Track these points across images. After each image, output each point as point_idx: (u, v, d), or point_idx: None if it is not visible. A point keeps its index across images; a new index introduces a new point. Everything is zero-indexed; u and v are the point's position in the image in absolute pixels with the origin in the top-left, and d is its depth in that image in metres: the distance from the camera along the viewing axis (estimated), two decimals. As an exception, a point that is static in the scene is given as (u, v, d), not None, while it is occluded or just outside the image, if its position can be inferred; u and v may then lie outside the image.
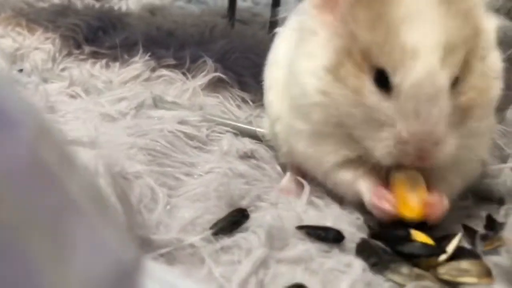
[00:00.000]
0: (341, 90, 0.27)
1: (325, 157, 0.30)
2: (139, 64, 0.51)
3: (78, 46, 0.58)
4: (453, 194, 0.30)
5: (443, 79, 0.25)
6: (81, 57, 0.55)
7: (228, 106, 0.48)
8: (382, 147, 0.26)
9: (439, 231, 0.31)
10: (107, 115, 0.39)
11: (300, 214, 0.29)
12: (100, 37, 0.60)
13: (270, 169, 0.38)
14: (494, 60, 0.29)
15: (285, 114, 0.32)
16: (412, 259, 0.25)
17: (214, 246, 0.26)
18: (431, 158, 0.26)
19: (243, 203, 0.30)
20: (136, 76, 0.50)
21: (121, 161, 0.30)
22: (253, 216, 0.28)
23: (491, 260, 0.25)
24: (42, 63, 0.53)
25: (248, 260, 0.24)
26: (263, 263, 0.24)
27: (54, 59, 0.54)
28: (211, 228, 0.27)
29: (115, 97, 0.42)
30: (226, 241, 0.26)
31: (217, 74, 0.49)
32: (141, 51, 0.51)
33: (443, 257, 0.26)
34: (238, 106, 0.49)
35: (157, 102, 0.44)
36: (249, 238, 0.26)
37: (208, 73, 0.49)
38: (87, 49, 0.56)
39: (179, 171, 0.33)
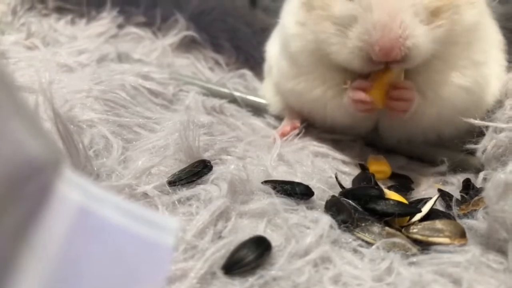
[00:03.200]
0: (313, 14, 0.29)
1: (312, 90, 0.32)
2: (106, 20, 0.48)
3: (42, 1, 0.54)
4: (432, 110, 0.30)
5: None
6: (45, 11, 0.51)
7: (199, 67, 0.45)
8: (349, 49, 0.27)
9: (414, 194, 0.30)
10: (65, 65, 0.36)
11: (269, 168, 0.27)
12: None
13: (240, 125, 0.36)
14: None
15: (276, 60, 0.35)
16: (384, 218, 0.23)
17: (170, 197, 0.23)
18: (398, 49, 0.26)
19: (206, 155, 0.28)
20: (102, 33, 0.46)
21: (73, 108, 0.27)
22: (217, 168, 0.26)
23: (466, 223, 0.24)
24: (1, 15, 0.49)
25: (207, 211, 0.22)
26: (223, 215, 0.22)
27: (14, 12, 0.50)
28: (168, 178, 0.25)
29: (76, 49, 0.39)
30: (184, 192, 0.24)
31: (190, 33, 0.46)
32: (109, 7, 0.48)
33: (417, 217, 0.24)
34: (211, 69, 0.46)
35: (122, 59, 0.41)
36: (209, 189, 0.24)
37: (179, 32, 0.46)
38: (51, 3, 0.52)
39: (139, 125, 0.30)
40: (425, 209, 0.24)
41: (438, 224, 0.22)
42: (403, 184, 0.30)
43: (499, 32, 0.37)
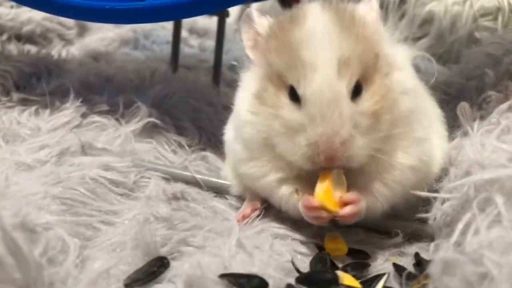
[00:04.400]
0: (264, 108, 0.32)
1: (265, 177, 0.33)
2: (69, 110, 0.49)
3: (7, 93, 0.55)
4: (382, 201, 0.32)
5: (340, 86, 0.29)
6: (9, 104, 0.52)
7: (161, 152, 0.46)
8: (297, 152, 0.30)
9: (371, 270, 0.31)
10: (23, 163, 0.36)
11: (226, 259, 0.28)
12: (33, 83, 0.58)
13: (202, 209, 0.37)
14: (400, 78, 0.32)
15: (231, 143, 0.37)
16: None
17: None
18: (340, 157, 0.29)
19: (164, 250, 0.28)
20: (66, 123, 0.47)
21: (28, 212, 0.27)
22: (174, 264, 0.27)
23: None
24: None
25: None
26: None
27: (-21, 108, 0.51)
28: (125, 280, 0.25)
29: (36, 145, 0.39)
30: (140, 294, 0.24)
31: (151, 119, 0.48)
32: (72, 96, 0.50)
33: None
34: (174, 151, 0.47)
35: (86, 149, 0.42)
36: (166, 289, 0.24)
37: (141, 118, 0.48)
38: (15, 96, 0.53)
39: (98, 220, 0.31)
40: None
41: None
42: (359, 262, 0.31)
43: (436, 106, 0.40)
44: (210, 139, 0.51)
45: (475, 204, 0.28)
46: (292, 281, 0.26)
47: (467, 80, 0.54)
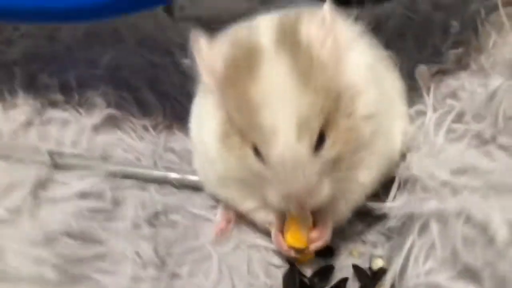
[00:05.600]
0: (231, 156, 0.32)
1: (241, 202, 0.36)
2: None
3: None
4: (347, 215, 0.36)
5: (301, 149, 0.29)
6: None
7: (129, 142, 0.47)
8: (271, 198, 0.31)
9: (335, 272, 0.37)
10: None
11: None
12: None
13: (181, 220, 0.41)
14: (364, 103, 0.32)
15: (198, 146, 0.37)
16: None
17: None
18: (309, 205, 0.31)
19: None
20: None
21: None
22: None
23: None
24: None
25: None
26: None
27: None
28: None
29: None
30: None
31: (112, 111, 0.46)
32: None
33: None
34: (140, 138, 0.48)
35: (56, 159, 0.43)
36: None
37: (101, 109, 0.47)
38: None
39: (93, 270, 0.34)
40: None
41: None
42: (324, 267, 0.36)
43: (397, 78, 0.40)
44: (174, 106, 0.51)
45: (416, 229, 0.32)
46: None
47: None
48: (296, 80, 0.29)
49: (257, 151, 0.30)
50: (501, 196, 0.27)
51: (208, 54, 0.32)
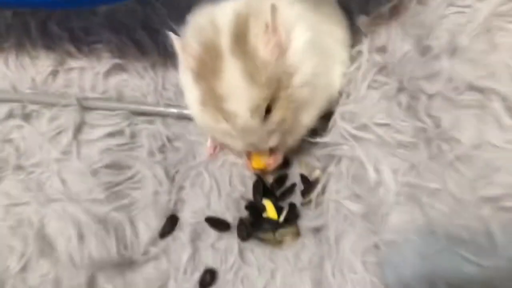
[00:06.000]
0: (207, 117, 0.44)
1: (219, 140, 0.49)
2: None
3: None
4: (289, 148, 0.50)
5: (253, 122, 0.42)
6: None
7: (135, 83, 0.59)
8: (238, 145, 0.45)
9: (289, 178, 0.53)
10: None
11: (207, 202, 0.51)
12: None
13: (181, 146, 0.56)
14: (301, 76, 0.43)
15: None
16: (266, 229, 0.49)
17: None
18: (262, 149, 0.46)
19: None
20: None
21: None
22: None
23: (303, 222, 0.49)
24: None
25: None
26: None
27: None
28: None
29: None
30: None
31: (118, 61, 0.58)
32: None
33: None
34: (142, 77, 0.60)
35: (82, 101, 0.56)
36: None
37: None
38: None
39: (129, 187, 0.52)
40: (281, 219, 0.49)
41: (285, 231, 0.48)
42: (281, 177, 0.53)
43: (341, 25, 0.50)
44: (165, 43, 0.61)
45: (334, 160, 0.47)
46: (242, 214, 0.50)
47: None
48: (246, 78, 0.40)
49: (225, 119, 0.43)
50: (386, 148, 0.42)
51: (186, 54, 0.43)
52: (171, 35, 0.43)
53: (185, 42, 0.43)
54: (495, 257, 0.34)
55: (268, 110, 0.42)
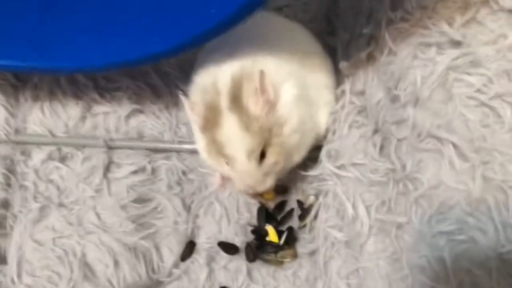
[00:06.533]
0: (213, 161, 0.53)
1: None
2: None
3: None
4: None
5: (250, 166, 0.48)
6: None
7: (153, 124, 0.68)
8: (237, 186, 0.53)
9: (287, 204, 0.62)
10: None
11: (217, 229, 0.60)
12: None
13: (195, 178, 0.65)
14: (290, 125, 0.50)
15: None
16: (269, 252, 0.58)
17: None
18: (260, 190, 0.53)
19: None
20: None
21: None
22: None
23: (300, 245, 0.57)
24: None
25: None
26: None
27: None
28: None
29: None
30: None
31: (137, 106, 0.67)
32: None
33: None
34: (158, 117, 0.68)
35: (110, 143, 0.66)
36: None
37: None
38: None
39: (153, 218, 0.62)
40: (281, 242, 0.57)
41: (284, 253, 0.56)
42: (281, 201, 0.61)
43: (326, 75, 0.57)
44: (176, 85, 0.69)
45: (323, 192, 0.55)
46: (249, 238, 0.59)
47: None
48: (241, 129, 0.48)
49: (227, 163, 0.52)
50: (363, 186, 0.49)
51: (193, 112, 0.51)
52: (181, 97, 0.52)
53: (192, 103, 0.51)
54: (447, 283, 0.41)
55: (262, 155, 0.50)
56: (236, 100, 0.49)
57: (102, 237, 0.59)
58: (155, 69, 0.70)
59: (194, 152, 0.66)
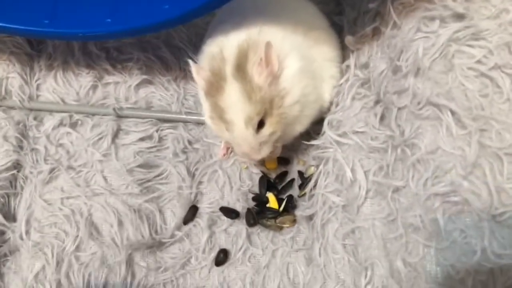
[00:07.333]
0: (214, 126, 0.54)
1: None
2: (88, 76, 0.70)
3: None
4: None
5: (247, 132, 0.50)
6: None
7: (161, 94, 0.70)
8: (236, 151, 0.55)
9: (288, 175, 0.63)
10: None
11: (220, 194, 0.62)
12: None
13: (200, 148, 0.67)
14: (291, 97, 0.51)
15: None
16: (269, 217, 0.59)
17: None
18: (254, 159, 0.54)
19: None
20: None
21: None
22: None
23: (299, 211, 0.59)
24: None
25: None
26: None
27: None
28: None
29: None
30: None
31: (146, 77, 0.69)
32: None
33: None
34: (167, 89, 0.70)
35: (118, 111, 0.68)
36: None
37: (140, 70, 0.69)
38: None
39: (157, 183, 0.64)
40: (281, 209, 0.59)
41: (284, 218, 0.58)
42: (282, 172, 0.63)
43: (332, 47, 0.59)
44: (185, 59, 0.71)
45: (323, 160, 0.57)
46: (250, 205, 0.60)
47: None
48: (243, 96, 0.49)
49: (227, 129, 0.53)
50: (362, 152, 0.51)
51: (199, 76, 0.53)
52: (189, 61, 0.54)
53: (199, 68, 0.53)
54: (440, 242, 0.43)
55: (261, 125, 0.51)
56: (241, 68, 0.50)
57: (108, 199, 0.61)
58: (166, 42, 0.72)
59: (200, 123, 0.68)
